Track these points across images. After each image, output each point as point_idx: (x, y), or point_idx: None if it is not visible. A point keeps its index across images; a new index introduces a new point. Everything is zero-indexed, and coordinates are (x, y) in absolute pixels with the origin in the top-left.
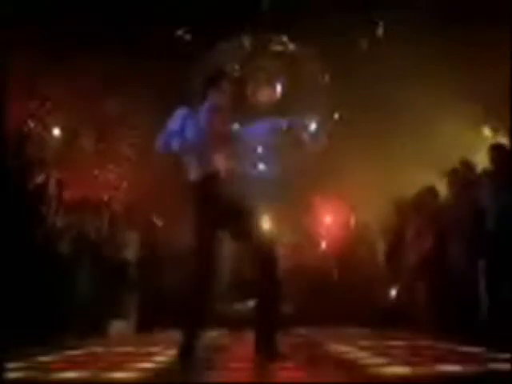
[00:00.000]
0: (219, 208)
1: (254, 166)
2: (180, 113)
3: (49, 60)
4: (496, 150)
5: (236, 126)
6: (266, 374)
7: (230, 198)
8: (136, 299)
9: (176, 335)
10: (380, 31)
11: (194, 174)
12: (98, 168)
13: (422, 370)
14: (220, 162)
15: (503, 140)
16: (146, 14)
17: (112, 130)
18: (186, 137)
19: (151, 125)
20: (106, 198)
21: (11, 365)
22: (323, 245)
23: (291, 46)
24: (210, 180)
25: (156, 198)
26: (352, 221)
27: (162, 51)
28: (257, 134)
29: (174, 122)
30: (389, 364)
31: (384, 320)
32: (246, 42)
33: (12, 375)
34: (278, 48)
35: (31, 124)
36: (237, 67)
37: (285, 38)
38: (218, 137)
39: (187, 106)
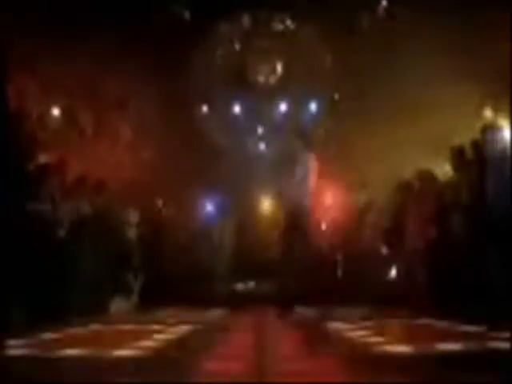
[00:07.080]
0: None
1: (256, 145)
2: None
3: (47, 40)
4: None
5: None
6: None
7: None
8: (137, 277)
9: (177, 313)
10: (381, 11)
11: None
12: (98, 147)
13: (422, 349)
14: None
15: (503, 121)
16: None
17: (111, 110)
18: None
19: (150, 105)
20: (107, 177)
21: (14, 342)
22: (325, 225)
23: (292, 25)
24: None
25: (158, 178)
26: (353, 201)
27: (162, 31)
28: None
29: None
30: (388, 342)
31: (384, 299)
32: (247, 21)
33: (14, 352)
34: (279, 27)
35: (30, 103)
36: (237, 47)
37: (286, 17)
38: None
39: None
